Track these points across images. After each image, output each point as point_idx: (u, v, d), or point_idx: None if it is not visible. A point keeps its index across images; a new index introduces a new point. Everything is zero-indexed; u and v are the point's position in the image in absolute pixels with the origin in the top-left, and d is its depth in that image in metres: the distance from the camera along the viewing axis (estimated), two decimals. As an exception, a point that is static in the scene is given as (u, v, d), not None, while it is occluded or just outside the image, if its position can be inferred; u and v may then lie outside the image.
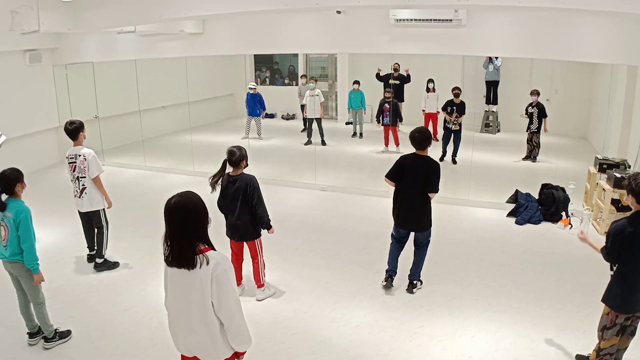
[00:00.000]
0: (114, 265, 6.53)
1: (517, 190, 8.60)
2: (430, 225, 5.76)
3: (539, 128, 10.38)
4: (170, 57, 10.81)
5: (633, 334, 4.24)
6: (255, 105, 13.19)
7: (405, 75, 11.98)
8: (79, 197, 6.26)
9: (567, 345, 4.72)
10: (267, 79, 16.19)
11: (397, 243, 5.89)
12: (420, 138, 5.49)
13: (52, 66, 11.48)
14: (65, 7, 8.60)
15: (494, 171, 10.32)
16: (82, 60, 11.23)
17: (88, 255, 6.70)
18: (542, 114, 10.30)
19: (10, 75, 10.45)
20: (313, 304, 5.55)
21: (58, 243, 7.21)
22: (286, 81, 15.98)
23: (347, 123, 13.42)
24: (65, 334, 4.93)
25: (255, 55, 15.61)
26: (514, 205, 8.27)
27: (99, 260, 6.47)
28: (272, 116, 15.92)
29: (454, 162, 10.70)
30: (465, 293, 5.75)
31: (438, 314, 5.33)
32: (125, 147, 12.25)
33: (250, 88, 13.17)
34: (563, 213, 7.91)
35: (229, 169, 5.36)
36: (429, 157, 5.57)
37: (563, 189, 8.17)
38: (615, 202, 7.50)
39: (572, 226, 7.59)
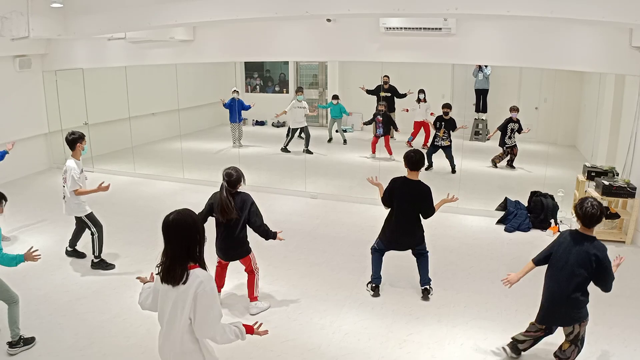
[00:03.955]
0: (108, 266, 6.62)
1: (506, 197, 8.64)
2: (422, 242, 5.80)
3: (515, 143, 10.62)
4: (161, 64, 10.79)
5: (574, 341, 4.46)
6: (239, 111, 13.18)
7: (402, 93, 12.11)
8: (65, 204, 6.48)
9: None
10: (258, 87, 16.19)
11: (380, 254, 5.92)
12: (416, 158, 5.53)
13: (42, 72, 11.43)
14: (55, 13, 8.59)
15: (483, 179, 10.36)
16: (72, 67, 11.19)
17: (67, 248, 6.93)
18: (520, 129, 10.44)
19: (-1, 81, 10.42)
20: (302, 312, 5.55)
21: (46, 250, 7.13)
22: (277, 89, 15.99)
23: (336, 131, 13.47)
24: (29, 341, 4.88)
25: (245, 63, 15.63)
26: (503, 212, 8.30)
27: (95, 260, 6.59)
28: (262, 124, 15.93)
29: (454, 171, 10.68)
30: (454, 300, 5.76)
31: (427, 322, 5.33)
32: (114, 153, 12.21)
33: (235, 91, 13.16)
34: (552, 220, 7.95)
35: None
36: (419, 181, 5.59)
37: (552, 197, 8.22)
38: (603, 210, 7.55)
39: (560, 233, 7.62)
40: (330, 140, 13.51)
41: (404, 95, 12.10)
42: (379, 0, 6.69)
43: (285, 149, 12.69)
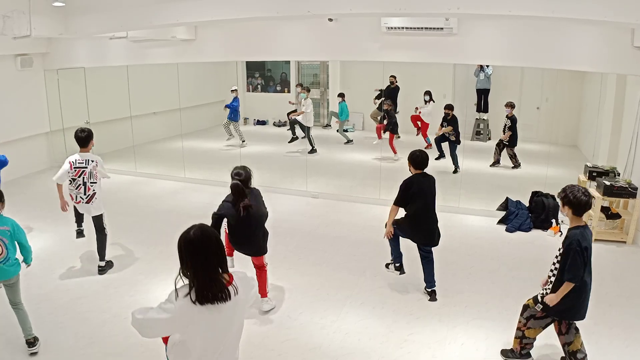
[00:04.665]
0: (112, 264, 6.64)
1: (507, 197, 8.63)
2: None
3: (510, 140, 10.57)
4: (162, 63, 10.80)
5: (577, 330, 4.40)
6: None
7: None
8: (88, 203, 6.36)
9: (556, 352, 4.73)
10: (259, 86, 16.20)
11: (397, 239, 5.94)
12: (422, 157, 5.61)
13: (44, 71, 11.44)
14: (57, 12, 8.59)
15: (484, 179, 10.36)
16: (73, 66, 11.20)
17: (77, 230, 6.79)
18: (512, 127, 10.47)
19: (1, 80, 10.40)
20: (303, 311, 5.54)
21: (47, 249, 7.16)
22: (278, 88, 15.99)
23: (337, 131, 13.50)
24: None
25: (247, 62, 15.63)
26: (504, 212, 8.30)
27: (102, 264, 6.51)
28: (264, 123, 15.94)
29: (455, 171, 10.72)
30: (455, 300, 5.76)
31: (427, 322, 5.33)
32: (116, 152, 12.21)
33: (235, 91, 13.25)
34: (553, 220, 7.95)
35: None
36: (425, 172, 5.68)
37: (553, 197, 8.21)
38: (604, 210, 7.56)
39: (562, 233, 7.62)
40: (326, 126, 13.52)
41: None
42: (380, -1, 6.69)
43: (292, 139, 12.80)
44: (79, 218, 6.75)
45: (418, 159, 5.60)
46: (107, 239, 6.55)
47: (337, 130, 13.38)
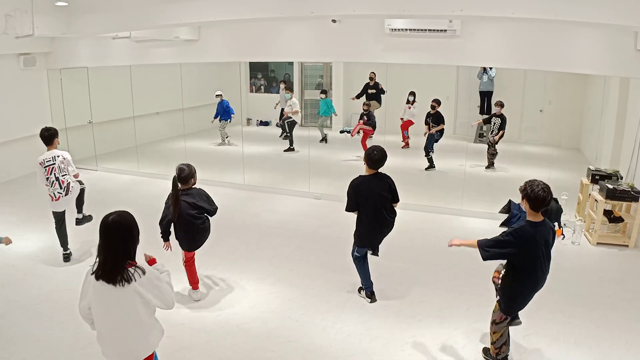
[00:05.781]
0: (90, 217, 6.95)
1: (510, 200, 8.60)
2: None
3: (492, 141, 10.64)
4: (165, 63, 10.80)
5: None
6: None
7: (380, 88, 12.19)
8: (67, 195, 6.58)
9: (559, 356, 4.72)
10: (262, 87, 16.20)
11: (363, 261, 5.80)
12: (378, 156, 5.32)
13: (46, 70, 11.46)
14: (60, 12, 8.61)
15: (487, 181, 10.34)
16: (76, 65, 11.22)
17: (64, 254, 6.81)
18: (502, 126, 10.48)
19: (3, 79, 10.43)
20: (304, 313, 5.53)
21: (48, 248, 7.16)
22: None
23: (341, 131, 13.46)
24: None
25: (250, 63, 15.63)
26: (507, 215, 8.27)
27: (79, 216, 6.84)
28: (266, 124, 15.94)
29: (430, 162, 10.91)
30: (457, 303, 5.74)
31: (429, 324, 5.32)
32: (119, 152, 12.22)
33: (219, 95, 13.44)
34: (555, 223, 7.90)
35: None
36: (378, 172, 5.44)
37: (556, 200, 8.17)
38: (607, 213, 7.54)
39: (564, 237, 7.60)
40: (322, 140, 13.53)
41: (384, 92, 12.12)
42: (384, 1, 6.68)
43: (288, 148, 12.77)
44: (64, 241, 6.83)
45: (374, 157, 5.31)
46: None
47: (322, 126, 13.40)
